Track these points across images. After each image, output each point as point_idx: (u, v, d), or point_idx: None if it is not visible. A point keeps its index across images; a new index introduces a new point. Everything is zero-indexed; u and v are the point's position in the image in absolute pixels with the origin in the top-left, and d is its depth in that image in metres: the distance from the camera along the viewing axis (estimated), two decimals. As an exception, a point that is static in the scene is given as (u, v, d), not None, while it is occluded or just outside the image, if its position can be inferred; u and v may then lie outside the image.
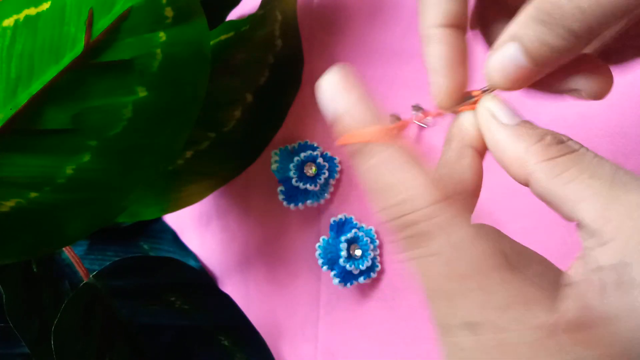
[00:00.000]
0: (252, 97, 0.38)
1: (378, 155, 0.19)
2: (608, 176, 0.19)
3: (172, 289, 0.36)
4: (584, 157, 0.19)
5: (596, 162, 0.19)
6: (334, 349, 0.41)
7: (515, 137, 0.20)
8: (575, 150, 0.19)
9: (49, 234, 0.28)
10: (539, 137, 0.20)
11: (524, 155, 0.20)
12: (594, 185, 0.18)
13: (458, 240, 0.17)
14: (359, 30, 0.41)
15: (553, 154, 0.19)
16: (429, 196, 0.18)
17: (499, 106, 0.21)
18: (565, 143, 0.20)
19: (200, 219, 0.43)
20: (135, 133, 0.28)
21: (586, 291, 0.17)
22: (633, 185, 0.18)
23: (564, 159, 0.19)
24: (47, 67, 0.27)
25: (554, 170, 0.19)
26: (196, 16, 0.28)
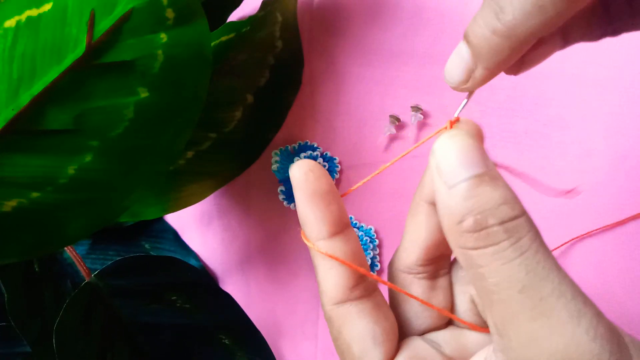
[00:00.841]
0: (252, 97, 0.38)
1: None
2: (509, 293, 0.17)
3: (174, 288, 0.36)
4: (499, 256, 0.17)
5: (509, 268, 0.17)
6: (333, 347, 0.41)
7: (445, 206, 0.18)
8: (494, 244, 0.17)
9: (50, 233, 0.28)
10: (461, 216, 0.18)
11: (445, 232, 0.19)
12: (494, 296, 0.18)
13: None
14: (358, 31, 0.41)
15: (465, 244, 0.18)
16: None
17: (448, 154, 0.18)
18: (487, 230, 0.17)
19: (201, 218, 0.43)
20: (136, 133, 0.28)
21: None
22: (541, 309, 0.17)
23: (473, 254, 0.18)
24: (49, 68, 0.27)
25: (463, 260, 0.18)
26: (197, 18, 0.28)
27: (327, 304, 0.21)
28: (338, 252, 0.21)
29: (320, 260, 0.21)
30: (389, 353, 0.21)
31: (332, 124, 0.42)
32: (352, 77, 0.41)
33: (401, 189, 0.40)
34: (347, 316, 0.21)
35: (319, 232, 0.21)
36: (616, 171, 0.38)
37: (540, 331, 0.17)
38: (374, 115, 0.41)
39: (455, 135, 0.19)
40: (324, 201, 0.21)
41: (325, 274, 0.21)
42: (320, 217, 0.21)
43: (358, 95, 0.41)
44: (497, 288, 0.17)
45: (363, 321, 0.21)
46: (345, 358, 0.22)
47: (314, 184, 0.21)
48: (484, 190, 0.18)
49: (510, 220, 0.17)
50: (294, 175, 0.21)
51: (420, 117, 0.40)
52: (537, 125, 0.40)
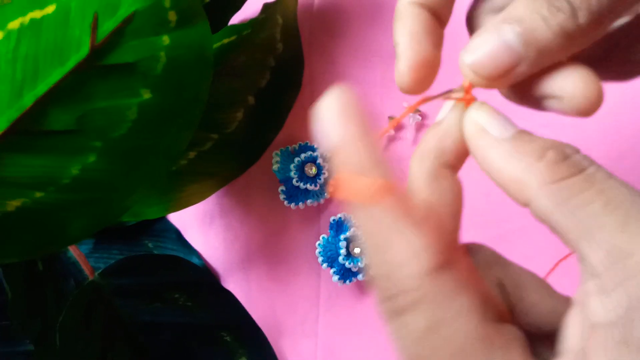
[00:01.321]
0: (253, 99, 0.38)
1: (370, 209, 0.16)
2: (623, 207, 0.15)
3: (176, 287, 0.36)
4: (594, 178, 0.16)
5: (610, 187, 0.16)
6: (333, 345, 0.42)
7: (512, 154, 0.17)
8: (583, 170, 0.16)
9: (53, 233, 0.28)
10: (540, 153, 0.16)
11: (523, 177, 0.16)
12: (605, 218, 0.15)
13: (429, 321, 0.15)
14: (358, 33, 0.42)
15: (558, 175, 0.16)
16: (415, 265, 0.15)
17: (489, 116, 0.18)
18: (571, 159, 0.16)
19: (203, 218, 0.43)
20: (139, 134, 0.28)
21: (585, 355, 0.15)
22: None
23: (571, 182, 0.16)
24: (52, 69, 0.27)
25: (559, 195, 0.16)
26: (199, 20, 0.28)
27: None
28: None
29: None
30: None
31: (332, 125, 0.42)
32: (351, 79, 0.42)
33: (400, 189, 0.40)
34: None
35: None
36: (614, 172, 0.38)
37: (629, 239, 0.15)
38: (373, 116, 0.41)
39: (484, 103, 0.18)
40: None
41: None
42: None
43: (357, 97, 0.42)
44: (605, 210, 0.15)
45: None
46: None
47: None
48: (534, 137, 0.17)
49: (578, 153, 0.17)
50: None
51: (418, 119, 0.40)
52: (535, 127, 0.39)
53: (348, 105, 0.17)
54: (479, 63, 0.17)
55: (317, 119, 0.17)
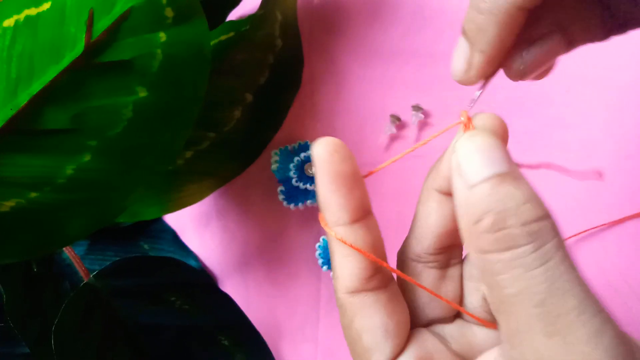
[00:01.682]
0: (252, 97, 0.38)
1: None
2: (532, 303, 0.16)
3: (173, 289, 0.36)
4: (520, 261, 0.16)
5: (527, 281, 0.16)
6: (334, 349, 0.41)
7: (463, 205, 0.18)
8: (512, 248, 0.16)
9: (49, 234, 0.28)
10: (478, 216, 0.17)
11: (463, 234, 0.18)
12: (515, 312, 0.16)
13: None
14: (359, 30, 0.41)
15: (484, 246, 0.17)
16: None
17: (470, 153, 0.18)
18: (505, 231, 0.16)
19: (200, 218, 0.43)
20: (135, 133, 0.28)
21: None
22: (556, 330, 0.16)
23: (495, 258, 0.17)
24: (47, 68, 0.27)
25: (484, 266, 0.17)
26: (196, 16, 0.28)
27: (340, 292, 0.21)
28: (357, 240, 0.20)
29: (337, 246, 0.20)
30: (399, 346, 0.21)
31: (332, 124, 0.42)
32: (352, 77, 0.41)
33: (401, 189, 0.40)
34: (361, 307, 0.20)
35: (339, 218, 0.20)
36: (618, 171, 0.38)
37: (555, 350, 0.16)
38: (375, 114, 0.41)
39: (477, 134, 0.18)
40: (347, 185, 0.20)
41: (342, 261, 0.20)
42: (342, 203, 0.20)
43: (358, 95, 0.41)
44: (514, 299, 0.16)
45: (376, 313, 0.20)
46: (354, 347, 0.21)
47: (338, 166, 0.20)
48: (506, 188, 0.17)
49: (533, 222, 0.16)
50: (317, 153, 0.20)
51: (421, 117, 0.40)
52: (538, 126, 0.40)
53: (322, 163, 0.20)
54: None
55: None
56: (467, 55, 0.21)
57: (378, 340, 0.20)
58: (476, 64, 0.21)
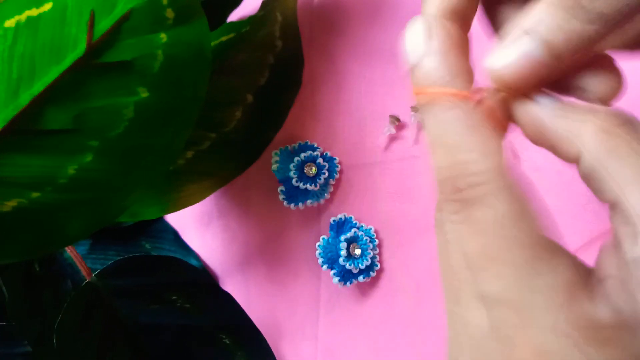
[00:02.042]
0: (252, 97, 0.38)
1: (449, 111, 0.18)
2: None
3: (174, 288, 0.36)
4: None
5: None
6: (333, 347, 0.41)
7: (564, 112, 0.18)
8: (631, 122, 0.17)
9: (50, 233, 0.28)
10: (591, 109, 0.17)
11: (576, 128, 0.17)
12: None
13: (504, 213, 0.16)
14: (358, 30, 0.41)
15: (611, 124, 0.17)
16: (488, 162, 0.17)
17: (537, 92, 0.18)
18: (621, 115, 0.17)
19: (201, 218, 0.43)
20: (136, 133, 0.28)
21: (619, 290, 0.16)
22: None
23: (623, 131, 0.17)
24: (48, 68, 0.27)
25: (609, 142, 0.17)
26: (197, 17, 0.28)
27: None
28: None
29: None
30: None
31: (332, 124, 0.42)
32: (352, 77, 0.42)
33: (401, 189, 0.40)
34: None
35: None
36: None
37: None
38: (374, 115, 0.41)
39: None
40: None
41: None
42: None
43: (358, 95, 0.41)
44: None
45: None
46: None
47: None
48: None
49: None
50: None
51: (420, 117, 0.40)
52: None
53: (432, 29, 0.19)
54: (506, 75, 0.18)
55: (404, 38, 0.19)
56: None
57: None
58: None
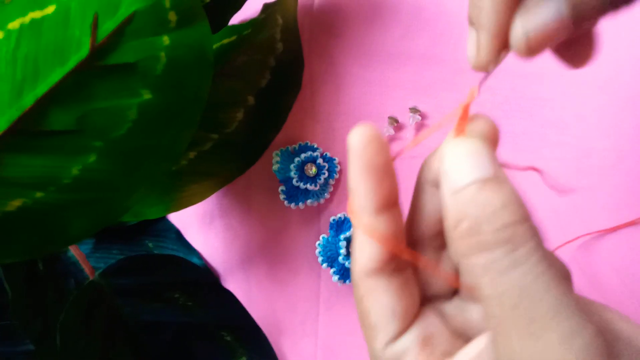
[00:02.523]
0: (253, 99, 0.38)
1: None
2: (507, 306, 0.17)
3: (176, 287, 0.36)
4: (494, 265, 0.17)
5: (500, 285, 0.17)
6: (333, 344, 0.42)
7: (448, 209, 0.18)
8: (486, 251, 0.17)
9: (54, 233, 0.28)
10: (456, 221, 0.18)
11: (446, 232, 0.18)
12: (492, 313, 0.17)
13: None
14: (358, 33, 0.42)
15: (461, 249, 0.18)
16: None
17: (455, 159, 0.18)
18: (479, 236, 0.17)
19: (203, 218, 0.43)
20: (139, 134, 0.28)
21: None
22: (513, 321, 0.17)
23: (472, 262, 0.17)
24: (52, 70, 0.27)
25: (464, 269, 0.18)
26: (199, 20, 0.28)
27: (356, 272, 0.21)
28: (381, 228, 0.20)
29: (359, 231, 0.21)
30: (404, 327, 0.21)
31: (332, 125, 0.42)
32: (351, 79, 0.42)
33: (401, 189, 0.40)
34: (373, 288, 0.21)
35: (366, 206, 0.20)
36: (614, 171, 0.39)
37: (530, 351, 0.16)
38: (373, 116, 0.41)
39: (465, 139, 0.18)
40: (378, 176, 0.20)
41: (362, 245, 0.21)
42: (371, 192, 0.20)
43: (357, 97, 0.42)
44: (492, 302, 0.17)
45: (387, 297, 0.21)
46: (363, 321, 0.22)
47: (372, 157, 0.20)
48: (486, 194, 0.17)
49: (506, 227, 0.17)
50: (353, 142, 0.20)
51: (418, 119, 0.40)
52: (535, 126, 0.40)
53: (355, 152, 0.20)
54: (534, 33, 0.19)
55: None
56: (475, 39, 0.21)
57: (384, 320, 0.21)
58: (483, 44, 0.20)
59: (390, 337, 0.21)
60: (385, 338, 0.21)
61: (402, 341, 0.21)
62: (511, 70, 0.40)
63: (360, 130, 0.20)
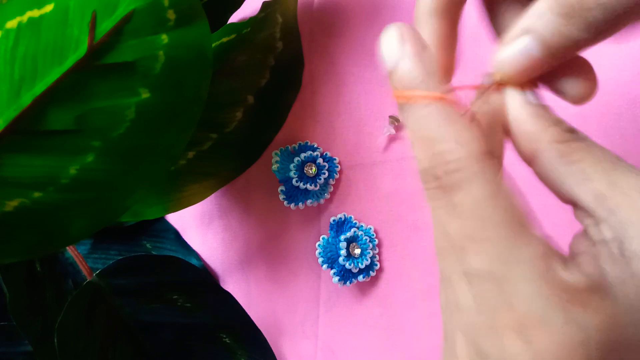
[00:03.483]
0: (253, 98, 0.38)
1: (425, 109, 0.19)
2: (610, 163, 0.20)
3: (175, 287, 0.36)
4: (590, 145, 0.20)
5: (600, 151, 0.20)
6: (333, 346, 0.42)
7: (536, 115, 0.21)
8: (583, 139, 0.21)
9: (52, 233, 0.28)
10: (556, 121, 0.21)
11: (538, 133, 0.21)
12: (596, 169, 0.19)
13: (480, 195, 0.18)
14: (358, 32, 0.42)
15: (565, 138, 0.20)
16: (463, 150, 0.18)
17: (527, 88, 0.22)
18: (575, 132, 0.21)
19: (202, 218, 0.43)
20: (138, 134, 0.28)
21: (589, 262, 0.18)
22: (632, 173, 0.19)
23: (574, 144, 0.20)
24: (50, 69, 0.27)
25: (564, 151, 0.20)
26: (198, 19, 0.28)
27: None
28: None
29: None
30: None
31: (332, 125, 0.42)
32: (352, 78, 0.42)
33: (401, 189, 0.40)
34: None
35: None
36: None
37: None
38: (374, 115, 0.41)
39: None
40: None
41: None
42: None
43: (358, 96, 0.42)
44: (593, 166, 0.20)
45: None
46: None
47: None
48: (552, 112, 0.22)
49: (579, 132, 0.21)
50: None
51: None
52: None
53: (407, 33, 0.21)
54: (507, 67, 0.21)
55: (380, 44, 0.21)
56: (519, 49, 0.21)
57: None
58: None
59: None
60: None
61: None
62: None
63: None
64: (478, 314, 0.18)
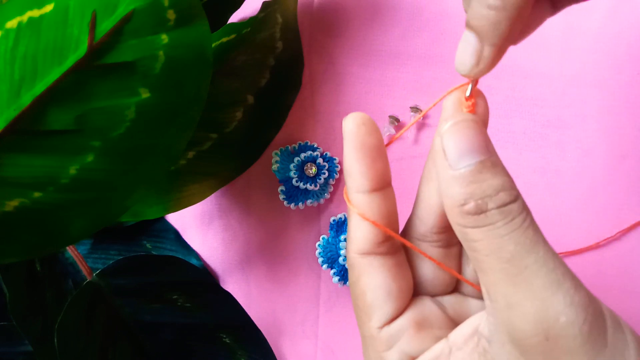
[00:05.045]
0: (253, 98, 0.38)
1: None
2: (497, 261, 0.20)
3: (175, 287, 0.36)
4: (494, 232, 0.20)
5: (497, 242, 0.20)
6: (333, 346, 0.42)
7: (448, 187, 0.20)
8: (490, 224, 0.20)
9: (52, 233, 0.28)
10: (462, 200, 0.20)
11: (447, 209, 0.21)
12: (488, 263, 0.20)
13: None
14: (357, 32, 0.42)
15: (467, 224, 0.20)
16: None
17: (452, 140, 0.20)
18: (485, 214, 0.20)
19: (202, 218, 0.43)
20: (138, 134, 0.28)
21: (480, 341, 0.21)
22: (525, 275, 0.19)
23: (474, 232, 0.20)
24: (50, 69, 0.27)
25: (463, 236, 0.20)
26: (198, 19, 0.28)
27: (352, 252, 0.22)
28: (374, 208, 0.22)
29: (354, 211, 0.22)
30: (399, 309, 0.22)
31: (332, 124, 0.42)
32: (351, 78, 0.42)
33: (401, 189, 0.40)
34: (369, 267, 0.22)
35: (360, 186, 0.22)
36: (615, 171, 0.39)
37: (521, 295, 0.19)
38: (374, 115, 0.41)
39: (462, 121, 0.20)
40: (370, 156, 0.22)
41: (357, 225, 0.22)
42: (365, 172, 0.22)
43: (358, 96, 0.42)
44: (488, 259, 0.19)
45: (382, 275, 0.22)
46: (357, 303, 0.23)
47: (364, 137, 0.22)
48: (485, 176, 0.20)
49: (507, 205, 0.19)
50: (346, 126, 0.22)
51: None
52: (536, 126, 0.40)
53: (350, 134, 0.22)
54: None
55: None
56: (477, 48, 0.21)
57: (380, 299, 0.22)
58: (487, 56, 0.21)
59: (387, 317, 0.22)
60: (382, 318, 0.22)
61: (397, 322, 0.22)
62: (511, 70, 0.40)
63: (354, 115, 0.22)
64: None
